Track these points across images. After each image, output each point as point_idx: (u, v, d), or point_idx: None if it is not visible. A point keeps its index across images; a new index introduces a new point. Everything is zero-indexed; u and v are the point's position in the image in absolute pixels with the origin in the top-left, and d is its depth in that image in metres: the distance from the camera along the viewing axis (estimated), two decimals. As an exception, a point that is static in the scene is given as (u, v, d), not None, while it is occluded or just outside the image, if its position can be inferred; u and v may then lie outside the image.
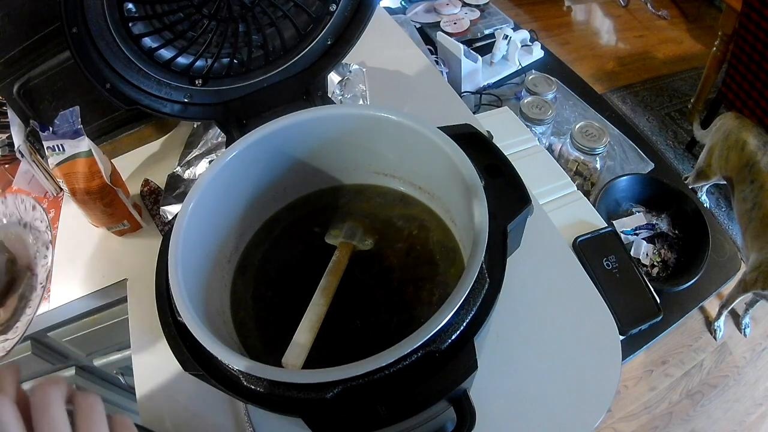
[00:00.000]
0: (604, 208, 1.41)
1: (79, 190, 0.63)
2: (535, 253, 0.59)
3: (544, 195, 0.91)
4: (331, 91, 0.76)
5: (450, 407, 0.33)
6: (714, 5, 2.46)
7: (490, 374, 0.50)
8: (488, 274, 0.35)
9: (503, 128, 0.97)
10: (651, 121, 1.92)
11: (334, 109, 0.45)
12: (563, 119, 1.71)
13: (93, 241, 0.72)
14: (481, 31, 2.05)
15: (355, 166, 0.50)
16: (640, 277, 0.86)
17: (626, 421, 1.26)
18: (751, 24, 1.25)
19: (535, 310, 0.56)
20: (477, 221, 0.36)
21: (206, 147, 0.73)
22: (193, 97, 0.51)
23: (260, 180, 0.46)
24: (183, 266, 0.36)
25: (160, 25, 0.48)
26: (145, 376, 0.55)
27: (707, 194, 1.65)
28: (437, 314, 0.31)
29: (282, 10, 0.50)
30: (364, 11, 0.52)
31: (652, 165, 1.61)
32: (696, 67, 2.12)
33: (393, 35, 0.98)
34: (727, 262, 1.39)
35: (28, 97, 0.69)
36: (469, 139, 0.43)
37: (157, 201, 0.73)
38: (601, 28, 2.45)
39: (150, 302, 0.37)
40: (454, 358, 0.32)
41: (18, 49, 0.64)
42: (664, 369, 1.35)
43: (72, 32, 0.43)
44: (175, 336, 0.35)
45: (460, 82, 1.70)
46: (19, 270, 0.62)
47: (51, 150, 0.61)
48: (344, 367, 0.29)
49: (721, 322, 1.37)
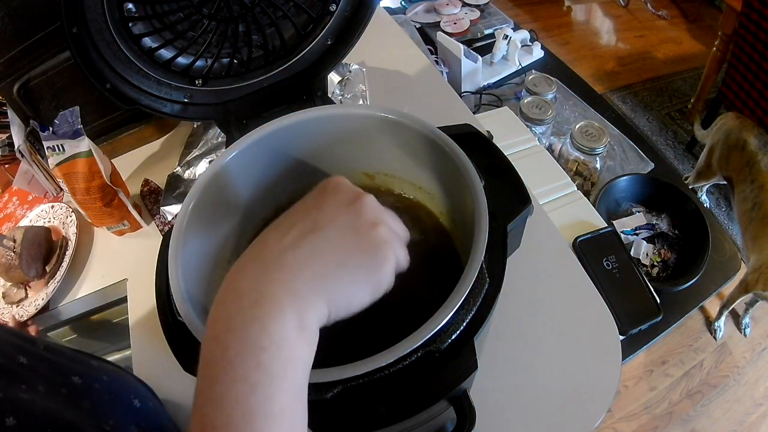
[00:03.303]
0: (604, 208, 1.41)
1: (79, 190, 0.63)
2: (535, 253, 0.59)
3: (544, 195, 0.91)
4: (331, 91, 0.76)
5: (450, 407, 0.33)
6: (714, 5, 2.46)
7: (490, 374, 0.50)
8: (488, 274, 0.35)
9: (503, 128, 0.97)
10: (651, 121, 1.92)
11: (334, 109, 0.45)
12: (563, 119, 1.71)
13: (93, 241, 0.72)
14: (481, 31, 2.05)
15: (355, 166, 0.50)
16: (640, 277, 0.86)
17: (626, 421, 1.26)
18: (751, 24, 1.25)
19: (535, 310, 0.56)
20: (477, 221, 0.36)
21: (206, 147, 0.73)
22: (193, 97, 0.51)
23: (260, 180, 0.46)
24: (183, 266, 0.36)
25: (160, 25, 0.48)
26: (145, 376, 0.55)
27: (707, 194, 1.65)
28: (437, 314, 0.31)
29: (282, 10, 0.50)
30: (364, 11, 0.52)
31: (652, 165, 1.62)
32: (696, 67, 2.12)
33: (393, 35, 0.98)
34: (727, 262, 1.39)
35: (28, 97, 0.69)
36: (469, 139, 0.43)
37: (157, 201, 0.73)
38: (601, 28, 2.45)
39: (150, 302, 0.37)
40: (454, 358, 0.32)
41: (18, 49, 0.64)
42: (664, 369, 1.35)
43: (72, 32, 0.43)
44: (175, 336, 0.35)
45: (460, 82, 1.70)
46: (55, 240, 0.72)
47: (51, 150, 0.61)
48: (344, 367, 0.29)
49: (721, 322, 1.37)
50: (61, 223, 0.74)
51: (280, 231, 0.28)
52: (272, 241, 0.27)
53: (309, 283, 0.25)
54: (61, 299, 0.68)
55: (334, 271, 0.26)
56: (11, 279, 0.68)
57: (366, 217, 0.28)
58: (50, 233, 0.72)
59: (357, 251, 0.27)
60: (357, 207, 0.28)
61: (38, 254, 0.68)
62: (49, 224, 0.75)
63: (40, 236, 0.70)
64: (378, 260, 0.27)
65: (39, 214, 0.77)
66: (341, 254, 0.27)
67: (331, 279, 0.26)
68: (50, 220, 0.75)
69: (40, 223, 0.75)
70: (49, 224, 0.75)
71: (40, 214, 0.77)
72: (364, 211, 0.28)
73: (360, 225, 0.28)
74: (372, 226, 0.28)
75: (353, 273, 0.27)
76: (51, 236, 0.72)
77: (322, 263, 0.26)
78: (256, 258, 0.27)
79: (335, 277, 0.26)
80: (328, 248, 0.27)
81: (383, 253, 0.27)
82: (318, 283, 0.25)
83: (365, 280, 0.27)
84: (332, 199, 0.29)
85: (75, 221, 0.72)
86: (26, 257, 0.66)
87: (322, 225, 0.27)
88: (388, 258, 0.28)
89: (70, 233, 0.72)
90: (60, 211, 0.75)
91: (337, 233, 0.27)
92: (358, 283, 0.27)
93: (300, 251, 0.26)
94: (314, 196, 0.30)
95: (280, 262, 0.26)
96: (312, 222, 0.28)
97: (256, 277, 0.25)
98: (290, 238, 0.27)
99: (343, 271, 0.26)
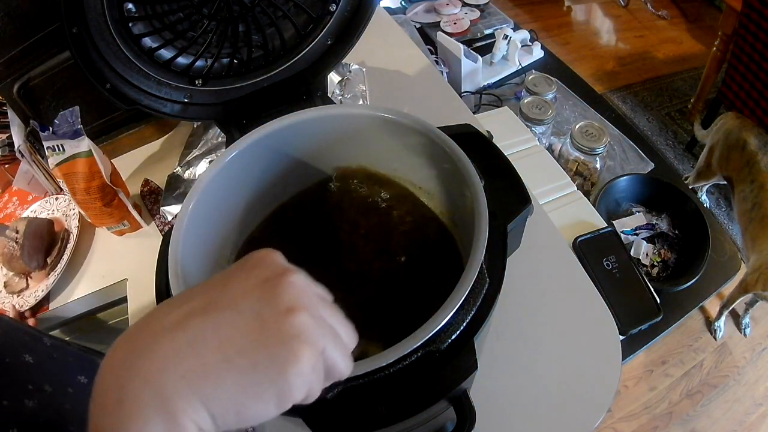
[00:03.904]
0: (604, 208, 1.41)
1: (79, 190, 0.63)
2: (535, 253, 0.59)
3: (544, 195, 0.91)
4: (331, 91, 0.76)
5: (450, 407, 0.33)
6: (714, 5, 2.46)
7: (490, 374, 0.50)
8: (488, 274, 0.35)
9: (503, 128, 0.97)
10: (651, 121, 1.92)
11: (334, 109, 0.45)
12: (563, 119, 1.71)
13: (93, 241, 0.72)
14: (481, 31, 2.05)
15: (355, 166, 0.50)
16: (640, 277, 0.86)
17: (626, 421, 1.26)
18: (751, 24, 1.25)
19: (535, 310, 0.56)
20: (477, 221, 0.36)
21: (206, 147, 0.73)
22: (193, 97, 0.51)
23: (260, 180, 0.46)
24: (183, 266, 0.36)
25: (160, 25, 0.48)
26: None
27: (707, 194, 1.65)
28: (437, 314, 0.31)
29: (282, 10, 0.50)
30: (364, 11, 0.52)
31: (652, 165, 1.62)
32: (696, 67, 2.12)
33: (393, 35, 0.98)
34: (727, 262, 1.39)
35: (28, 97, 0.69)
36: (469, 139, 0.43)
37: (157, 201, 0.73)
38: (601, 28, 2.45)
39: (150, 302, 0.37)
40: (454, 358, 0.32)
41: (18, 49, 0.64)
42: (664, 369, 1.35)
43: (72, 32, 0.43)
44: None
45: (460, 82, 1.70)
46: (57, 232, 0.73)
47: (51, 150, 0.61)
48: (344, 367, 0.29)
49: (721, 322, 1.37)
50: (64, 215, 0.75)
51: (171, 306, 0.22)
52: (156, 318, 0.22)
53: (181, 381, 0.20)
54: (61, 291, 0.68)
55: (218, 368, 0.20)
56: (13, 269, 0.69)
57: (281, 300, 0.22)
58: (52, 225, 0.73)
59: (255, 345, 0.21)
60: (272, 286, 0.22)
61: (40, 246, 0.69)
62: (52, 216, 0.75)
63: (43, 228, 0.70)
64: (282, 359, 0.21)
65: (42, 205, 0.77)
66: (231, 347, 0.21)
67: (211, 378, 0.20)
68: (53, 211, 0.76)
69: (43, 215, 0.76)
70: (51, 216, 0.75)
71: (43, 206, 0.77)
72: (279, 292, 0.22)
73: (270, 311, 0.22)
74: (286, 314, 0.21)
75: (244, 373, 0.20)
76: (53, 228, 0.73)
77: (202, 355, 0.20)
78: (131, 337, 0.21)
79: (217, 377, 0.20)
80: (214, 337, 0.21)
81: (292, 351, 0.21)
82: (193, 383, 0.20)
83: (260, 384, 0.20)
84: (245, 276, 0.23)
85: (77, 214, 0.73)
86: (28, 248, 0.67)
87: (218, 306, 0.22)
88: (300, 358, 0.21)
89: (72, 226, 0.72)
90: (62, 203, 0.76)
91: (237, 319, 0.21)
92: (251, 387, 0.20)
93: (179, 336, 0.21)
94: (229, 271, 0.24)
95: (152, 348, 0.20)
96: (209, 300, 0.22)
97: (121, 366, 0.20)
98: (175, 316, 0.21)
99: (229, 369, 0.20)
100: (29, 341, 0.34)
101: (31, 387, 0.29)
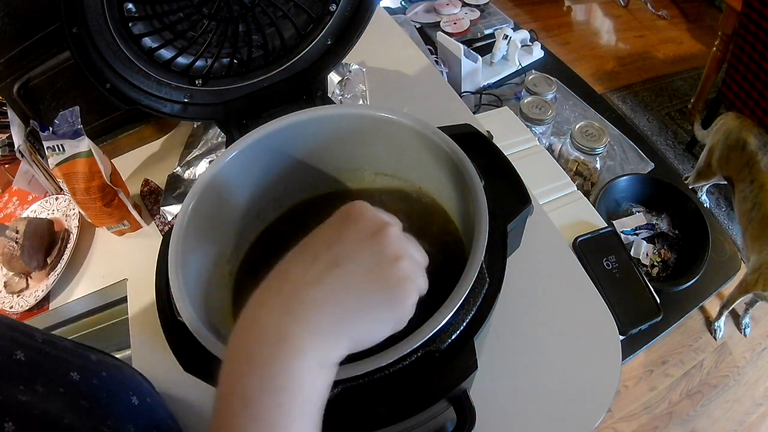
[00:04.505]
0: (604, 208, 1.41)
1: (79, 190, 0.63)
2: (535, 253, 0.59)
3: (544, 195, 0.91)
4: (331, 91, 0.76)
5: (450, 407, 0.33)
6: (714, 5, 2.46)
7: (490, 374, 0.50)
8: (488, 274, 0.35)
9: (503, 128, 0.97)
10: (651, 121, 1.92)
11: (334, 109, 0.45)
12: (563, 119, 1.71)
13: (93, 241, 0.72)
14: (481, 31, 2.05)
15: (355, 166, 0.50)
16: (640, 277, 0.86)
17: (626, 421, 1.26)
18: (751, 24, 1.25)
19: (535, 310, 0.56)
20: (477, 221, 0.36)
21: (206, 147, 0.73)
22: (193, 97, 0.51)
23: (260, 180, 0.46)
24: (183, 266, 0.36)
25: (160, 25, 0.48)
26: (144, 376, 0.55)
27: (707, 194, 1.65)
28: (437, 314, 0.31)
29: (282, 10, 0.50)
30: (364, 11, 0.52)
31: (652, 165, 1.62)
32: (696, 67, 2.12)
33: (393, 35, 0.98)
34: (727, 262, 1.39)
35: (28, 97, 0.69)
36: (469, 139, 0.43)
37: (157, 201, 0.73)
38: (601, 28, 2.45)
39: (150, 302, 0.37)
40: (454, 358, 0.32)
41: (18, 49, 0.64)
42: (664, 369, 1.35)
43: (72, 32, 0.43)
44: (175, 336, 0.35)
45: (460, 82, 1.70)
46: (57, 232, 0.73)
47: (51, 150, 0.61)
48: (344, 367, 0.29)
49: (721, 322, 1.37)
50: (64, 215, 0.75)
51: (303, 263, 0.28)
52: (294, 275, 0.27)
53: (332, 322, 0.26)
54: (61, 291, 0.68)
55: (358, 310, 0.26)
56: (13, 269, 0.69)
57: (389, 251, 0.28)
58: (53, 225, 0.73)
59: (381, 289, 0.27)
60: (379, 240, 0.28)
61: (40, 246, 0.69)
62: (52, 216, 0.75)
63: (43, 228, 0.70)
64: (401, 297, 0.27)
65: (42, 205, 0.77)
66: (365, 292, 0.27)
67: (355, 317, 0.26)
68: (53, 211, 0.76)
69: (43, 215, 0.76)
70: (51, 216, 0.75)
71: (43, 206, 0.77)
72: (386, 244, 0.28)
73: (383, 260, 0.28)
74: (395, 260, 0.28)
75: (376, 311, 0.27)
76: (53, 228, 0.73)
77: (345, 301, 0.26)
78: (278, 292, 0.27)
79: (358, 315, 0.26)
80: (351, 286, 0.27)
81: (406, 289, 0.28)
82: (341, 322, 0.26)
83: (388, 317, 0.27)
84: (354, 230, 0.29)
85: (77, 214, 0.73)
86: (28, 248, 0.67)
87: (344, 259, 0.27)
88: (411, 293, 0.28)
89: (72, 226, 0.72)
90: (62, 203, 0.76)
91: (360, 270, 0.27)
92: (381, 320, 0.27)
93: (323, 288, 0.26)
94: (336, 225, 0.30)
95: (302, 299, 0.26)
96: (334, 255, 0.28)
97: (278, 312, 0.25)
98: (312, 273, 0.27)
99: (366, 309, 0.27)
100: (21, 338, 0.34)
101: (23, 387, 0.30)
